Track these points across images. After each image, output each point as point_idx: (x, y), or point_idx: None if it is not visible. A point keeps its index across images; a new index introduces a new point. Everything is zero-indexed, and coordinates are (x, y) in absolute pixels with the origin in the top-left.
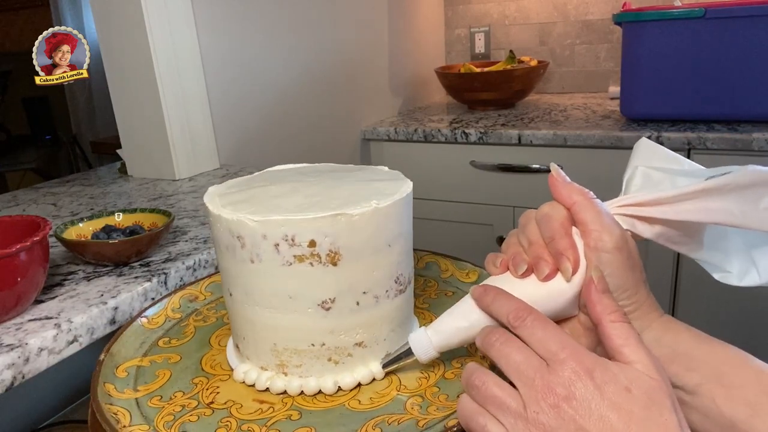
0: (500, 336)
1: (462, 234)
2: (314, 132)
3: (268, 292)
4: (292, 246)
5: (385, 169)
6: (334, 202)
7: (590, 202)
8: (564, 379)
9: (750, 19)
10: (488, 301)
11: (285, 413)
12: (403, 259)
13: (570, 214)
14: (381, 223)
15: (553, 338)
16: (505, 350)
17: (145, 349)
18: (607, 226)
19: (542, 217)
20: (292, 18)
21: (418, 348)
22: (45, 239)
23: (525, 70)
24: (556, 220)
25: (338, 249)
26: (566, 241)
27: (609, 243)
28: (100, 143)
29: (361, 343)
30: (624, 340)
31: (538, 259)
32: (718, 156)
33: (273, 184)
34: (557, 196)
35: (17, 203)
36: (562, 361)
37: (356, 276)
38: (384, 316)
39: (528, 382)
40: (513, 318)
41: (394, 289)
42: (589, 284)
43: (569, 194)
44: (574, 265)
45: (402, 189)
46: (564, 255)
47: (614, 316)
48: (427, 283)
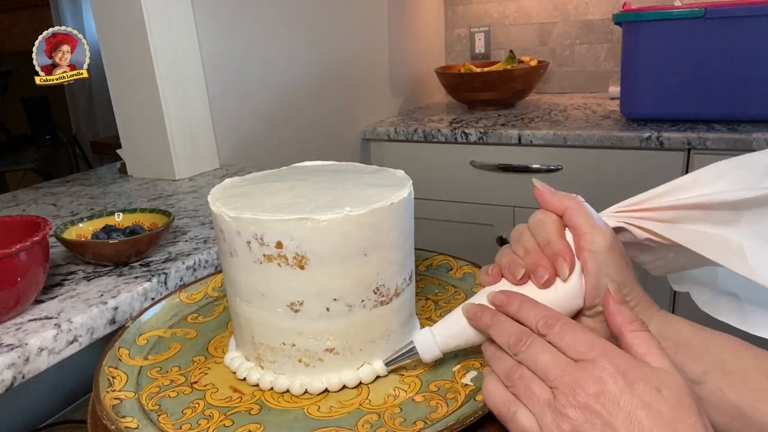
0: (527, 339)
1: (462, 234)
2: (314, 132)
3: (243, 286)
4: (261, 245)
5: (399, 174)
6: (312, 204)
7: (581, 206)
8: (594, 376)
9: (750, 19)
10: (514, 308)
11: (248, 405)
12: (386, 269)
13: (561, 221)
14: (352, 231)
15: (582, 339)
16: (532, 351)
17: (174, 322)
18: (598, 228)
19: (536, 223)
20: (293, 18)
21: (422, 347)
22: (45, 239)
23: (525, 70)
24: (551, 224)
25: (305, 253)
26: (562, 242)
27: (602, 244)
28: (100, 143)
29: (332, 349)
30: (646, 349)
31: (537, 266)
32: (718, 156)
33: (281, 180)
34: (547, 206)
35: (17, 203)
36: (592, 360)
37: (325, 282)
38: (359, 326)
39: (557, 378)
40: (543, 325)
41: (372, 300)
42: (607, 296)
43: (560, 201)
44: (570, 265)
45: (389, 197)
46: (560, 256)
47: (634, 325)
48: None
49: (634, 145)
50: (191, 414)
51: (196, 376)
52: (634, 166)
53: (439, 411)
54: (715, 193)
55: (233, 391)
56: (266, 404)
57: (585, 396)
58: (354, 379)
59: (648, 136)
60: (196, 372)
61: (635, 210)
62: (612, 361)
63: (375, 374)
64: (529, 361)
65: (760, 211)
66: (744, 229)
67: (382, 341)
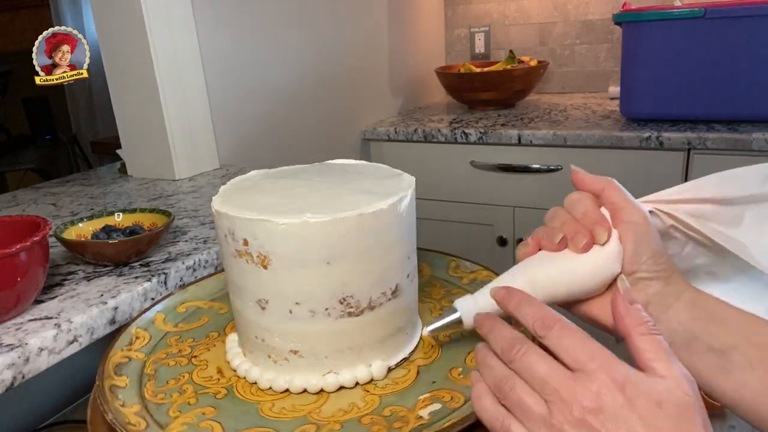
0: (521, 347)
1: (462, 234)
2: (314, 132)
3: (228, 276)
4: (233, 240)
5: (405, 184)
6: (293, 205)
7: (616, 185)
8: (592, 391)
9: (750, 19)
10: (513, 305)
11: (218, 389)
12: (356, 281)
13: (597, 198)
14: (312, 237)
15: (582, 347)
16: (527, 361)
17: (217, 296)
18: (634, 204)
19: (573, 202)
20: (292, 18)
21: (465, 314)
22: (45, 239)
23: (525, 70)
24: (587, 200)
25: (267, 253)
26: (599, 213)
27: (639, 216)
28: (100, 143)
29: (296, 351)
30: (654, 354)
31: (575, 232)
32: (718, 156)
33: (289, 178)
34: (585, 186)
35: (17, 203)
36: (591, 372)
37: (285, 285)
38: (323, 334)
39: (553, 392)
40: (540, 327)
41: (338, 310)
42: (616, 296)
43: (598, 181)
44: (608, 230)
45: (361, 207)
46: (598, 224)
47: (643, 328)
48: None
49: (634, 145)
50: (173, 385)
51: (200, 350)
52: (634, 166)
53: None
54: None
55: (217, 372)
56: (233, 391)
57: (582, 412)
58: (316, 386)
59: (648, 136)
60: (202, 347)
61: (660, 201)
62: (611, 374)
63: (339, 385)
64: (524, 371)
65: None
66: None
67: (352, 353)
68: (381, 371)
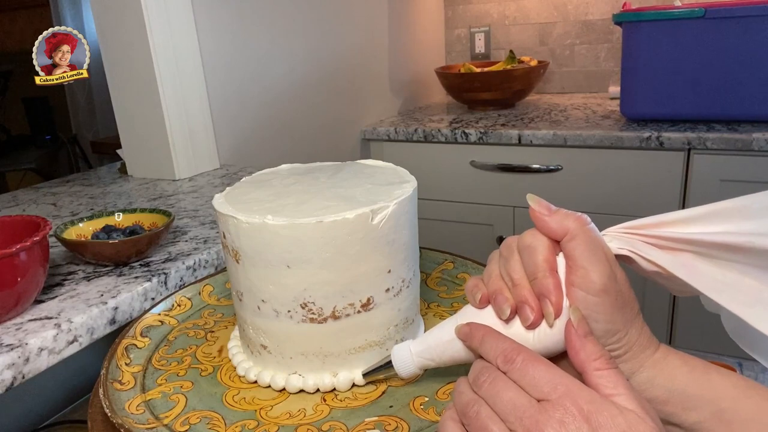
0: (489, 375)
1: (462, 234)
2: (314, 132)
3: None
4: (219, 233)
5: (409, 188)
6: (273, 204)
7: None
8: (555, 419)
9: (750, 19)
10: (476, 342)
11: (207, 366)
12: (317, 288)
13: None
14: (271, 239)
15: (545, 378)
16: (494, 390)
17: None
18: (596, 264)
19: (524, 249)
20: (293, 18)
21: (398, 362)
22: (45, 239)
23: (525, 70)
24: (540, 254)
25: (237, 249)
26: (549, 281)
27: (597, 284)
28: (100, 143)
29: (265, 347)
30: (613, 389)
31: (523, 304)
32: (718, 156)
33: (297, 176)
34: (544, 230)
35: (17, 203)
36: (554, 402)
37: (252, 282)
38: (287, 335)
39: (517, 421)
40: (502, 361)
41: (300, 314)
42: (569, 329)
43: (559, 224)
44: (556, 310)
45: (325, 216)
46: (546, 298)
47: (599, 362)
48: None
49: (634, 145)
50: (179, 354)
51: (219, 327)
52: (634, 166)
53: None
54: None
55: (218, 351)
56: (217, 372)
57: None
58: (279, 384)
59: (648, 136)
60: (223, 324)
61: (641, 234)
62: (575, 402)
63: (299, 388)
64: (490, 400)
65: None
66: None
67: (317, 359)
68: (344, 383)
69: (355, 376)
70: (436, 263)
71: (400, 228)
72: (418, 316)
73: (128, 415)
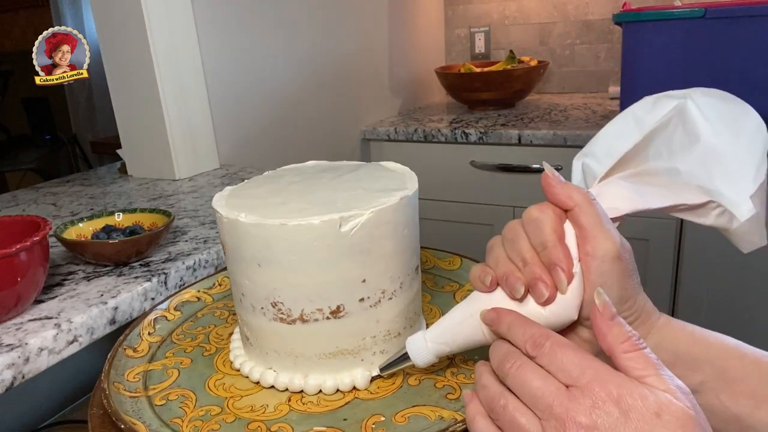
0: (515, 361)
1: (462, 234)
2: (314, 132)
3: None
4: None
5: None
6: (267, 201)
7: (591, 204)
8: (586, 406)
9: (750, 19)
10: (504, 327)
11: (212, 347)
12: (285, 289)
13: (561, 215)
14: (243, 236)
15: (573, 362)
16: (521, 377)
17: None
18: (607, 233)
19: (531, 223)
20: (293, 18)
21: (414, 351)
22: (45, 239)
23: (525, 70)
24: (547, 226)
25: (225, 242)
26: (559, 249)
27: (610, 251)
28: (100, 143)
29: (248, 338)
30: (643, 370)
31: (536, 281)
32: None
33: (304, 174)
34: (554, 198)
35: (17, 203)
36: (583, 387)
37: (234, 275)
38: (261, 330)
39: (546, 409)
40: (531, 346)
41: (272, 312)
42: (595, 313)
43: (568, 195)
44: (568, 277)
45: (289, 218)
46: (558, 266)
47: (627, 345)
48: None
49: None
50: (197, 331)
51: (233, 317)
52: None
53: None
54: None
55: (230, 334)
56: (218, 355)
57: (576, 428)
58: (255, 376)
59: None
60: (229, 322)
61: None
62: (604, 386)
63: (270, 384)
64: (517, 387)
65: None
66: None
67: (289, 358)
68: (312, 387)
69: (325, 382)
70: None
71: (379, 238)
72: (413, 327)
73: (123, 382)
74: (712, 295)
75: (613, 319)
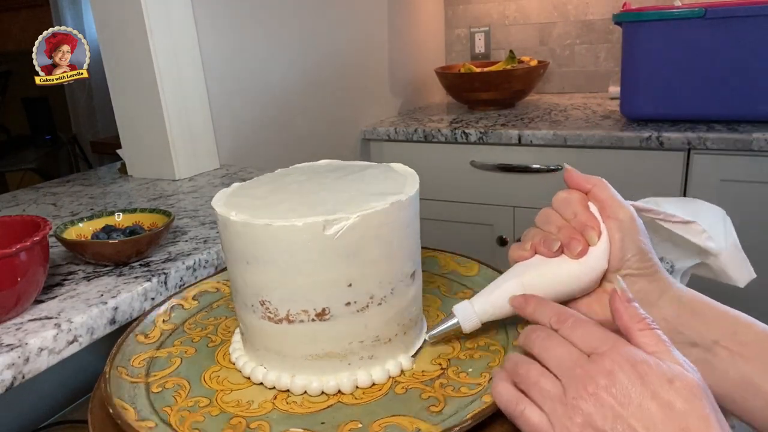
0: (541, 332)
1: (462, 234)
2: (314, 132)
3: None
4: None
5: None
6: (265, 200)
7: (606, 184)
8: (605, 369)
9: (750, 19)
10: (530, 310)
11: (218, 339)
12: (270, 288)
13: (584, 195)
14: (232, 234)
15: (595, 334)
16: (546, 344)
17: None
18: (621, 203)
19: (562, 201)
20: (293, 18)
21: (462, 318)
22: (45, 239)
23: (525, 70)
24: (576, 200)
25: (223, 240)
26: (588, 213)
27: (628, 212)
28: (100, 143)
29: (243, 333)
30: (655, 347)
31: (570, 239)
32: (718, 156)
33: (309, 174)
34: (576, 184)
35: (17, 203)
36: (603, 354)
37: (230, 270)
38: (252, 327)
39: (568, 372)
40: (555, 321)
41: (260, 310)
42: (614, 295)
43: (587, 180)
44: (598, 232)
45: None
46: (588, 225)
47: (642, 324)
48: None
49: (634, 145)
50: (209, 322)
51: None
52: (634, 166)
53: None
54: None
55: (236, 328)
56: (220, 347)
57: (596, 388)
58: (246, 371)
59: (648, 136)
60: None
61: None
62: (623, 354)
63: (260, 380)
64: (542, 353)
65: None
66: None
67: (277, 357)
68: (298, 387)
69: (311, 383)
70: None
71: (368, 242)
72: (407, 335)
73: (127, 366)
74: None
75: (630, 302)
